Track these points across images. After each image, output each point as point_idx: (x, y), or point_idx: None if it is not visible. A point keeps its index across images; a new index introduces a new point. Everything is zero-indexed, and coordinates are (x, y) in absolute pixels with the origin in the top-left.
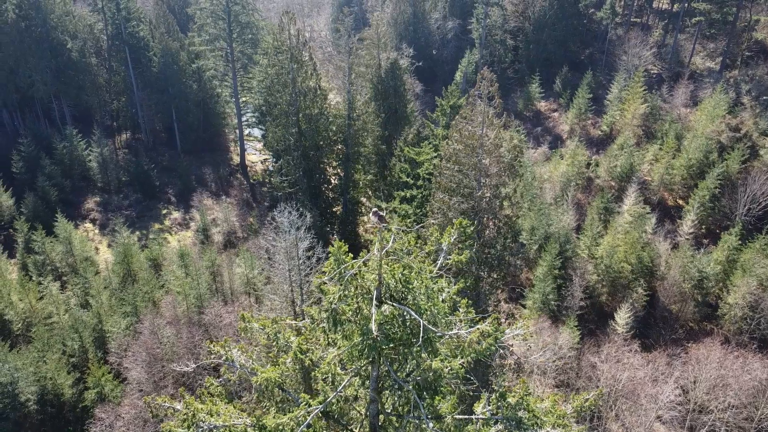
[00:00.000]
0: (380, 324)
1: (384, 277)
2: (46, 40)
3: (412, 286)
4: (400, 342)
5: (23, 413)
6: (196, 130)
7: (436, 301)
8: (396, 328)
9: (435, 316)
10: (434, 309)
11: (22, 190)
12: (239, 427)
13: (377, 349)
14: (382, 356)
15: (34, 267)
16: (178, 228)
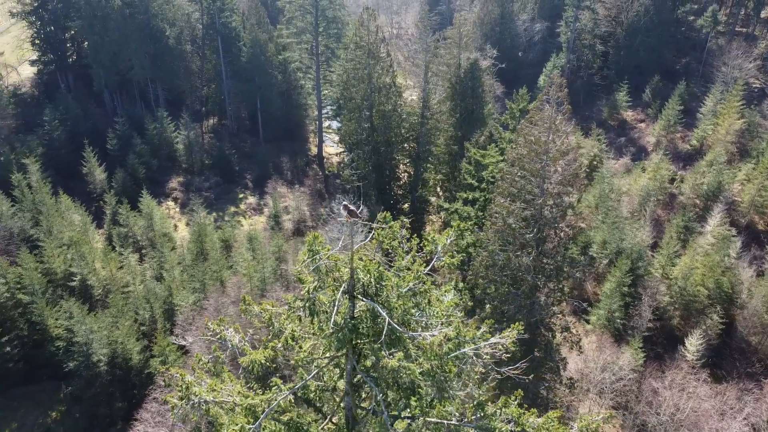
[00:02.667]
0: (349, 318)
1: (358, 271)
2: (147, 27)
3: (385, 284)
4: (369, 338)
5: (94, 372)
6: (278, 120)
7: (406, 301)
8: (366, 324)
9: (405, 316)
10: (405, 308)
11: (114, 165)
12: (228, 404)
13: (345, 341)
14: (354, 350)
15: (117, 238)
16: (252, 212)
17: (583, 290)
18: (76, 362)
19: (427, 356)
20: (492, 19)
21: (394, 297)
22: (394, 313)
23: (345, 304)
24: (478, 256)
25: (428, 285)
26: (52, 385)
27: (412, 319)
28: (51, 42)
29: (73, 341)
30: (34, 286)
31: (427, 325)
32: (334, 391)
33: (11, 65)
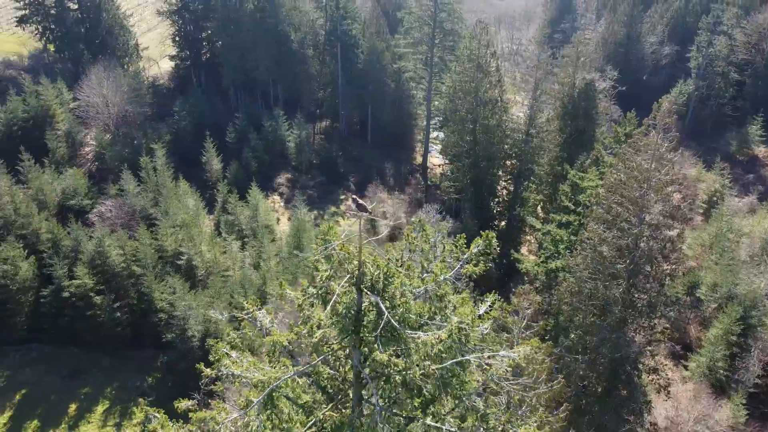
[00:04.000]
0: (353, 309)
1: (366, 265)
2: (274, 30)
3: (393, 281)
4: (370, 333)
5: (188, 347)
6: (387, 127)
7: (420, 305)
8: (369, 317)
9: (406, 314)
10: (407, 307)
11: (230, 157)
12: (252, 379)
13: (346, 331)
14: (361, 343)
15: (224, 225)
16: (351, 214)
17: (686, 333)
18: (173, 335)
19: (419, 356)
20: (617, 39)
21: (399, 295)
22: (397, 311)
23: (351, 295)
24: (565, 281)
25: (446, 288)
26: (152, 353)
27: (416, 320)
28: (189, 40)
29: (173, 315)
30: (147, 261)
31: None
32: (345, 382)
33: (154, 59)
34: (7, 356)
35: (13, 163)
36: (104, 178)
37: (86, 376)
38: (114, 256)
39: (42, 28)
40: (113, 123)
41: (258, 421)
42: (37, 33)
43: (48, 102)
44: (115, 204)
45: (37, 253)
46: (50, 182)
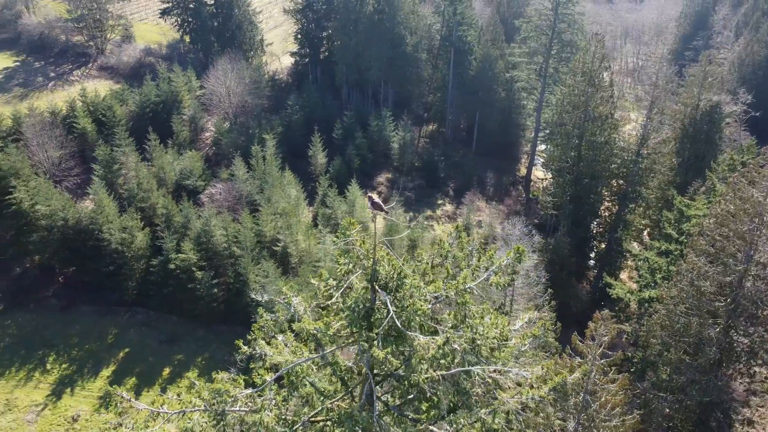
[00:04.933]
0: (362, 304)
1: (381, 262)
2: (390, 33)
3: (406, 282)
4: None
5: None
6: (493, 135)
7: (417, 301)
8: (377, 315)
9: (412, 316)
10: (415, 308)
11: (334, 153)
12: (272, 359)
13: (353, 323)
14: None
15: (321, 218)
16: (445, 219)
17: None
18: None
19: (417, 359)
20: (755, 60)
21: (408, 296)
22: (404, 312)
23: (363, 290)
24: (657, 313)
25: (466, 298)
26: (241, 330)
27: (423, 323)
28: (309, 38)
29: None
30: (246, 243)
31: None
32: (360, 375)
33: (276, 54)
34: (118, 316)
35: (142, 142)
36: (218, 162)
37: (181, 343)
38: (218, 235)
39: (181, 21)
40: (232, 112)
41: (270, 400)
42: (176, 25)
43: (178, 88)
44: (225, 187)
45: (152, 225)
46: (171, 162)
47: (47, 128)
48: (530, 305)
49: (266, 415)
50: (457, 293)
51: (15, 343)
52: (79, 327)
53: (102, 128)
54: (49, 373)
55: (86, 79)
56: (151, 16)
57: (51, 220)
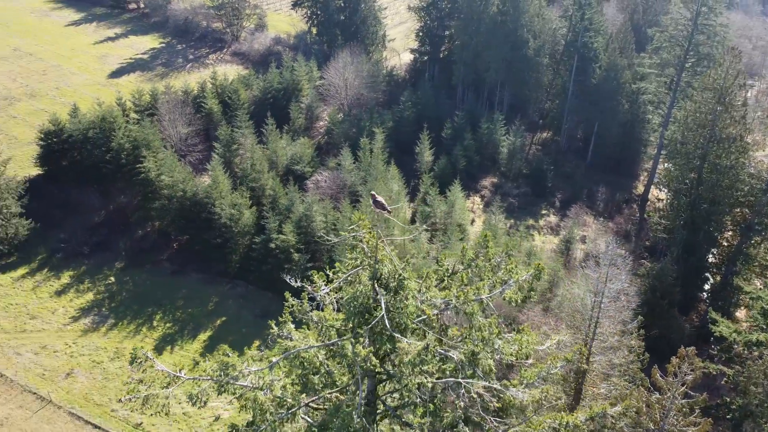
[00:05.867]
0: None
1: (383, 262)
2: (512, 35)
3: (405, 284)
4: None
5: None
6: (611, 148)
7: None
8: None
9: (404, 317)
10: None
11: (441, 152)
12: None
13: (351, 316)
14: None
15: (420, 215)
16: (547, 231)
17: None
18: None
19: (398, 360)
20: None
21: (403, 298)
22: (396, 314)
23: (360, 287)
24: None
25: (474, 308)
26: None
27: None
28: (431, 36)
29: None
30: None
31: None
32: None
33: (397, 51)
34: (220, 286)
35: (260, 125)
36: (328, 151)
37: (273, 319)
38: (318, 221)
39: (310, 13)
40: (347, 103)
41: (273, 378)
42: (306, 17)
43: (299, 77)
44: (330, 176)
45: (259, 205)
46: (284, 147)
47: (179, 106)
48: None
49: (261, 395)
50: (464, 303)
51: (130, 298)
52: (185, 291)
53: (227, 110)
54: (154, 330)
55: (219, 63)
56: (284, 7)
57: (172, 190)
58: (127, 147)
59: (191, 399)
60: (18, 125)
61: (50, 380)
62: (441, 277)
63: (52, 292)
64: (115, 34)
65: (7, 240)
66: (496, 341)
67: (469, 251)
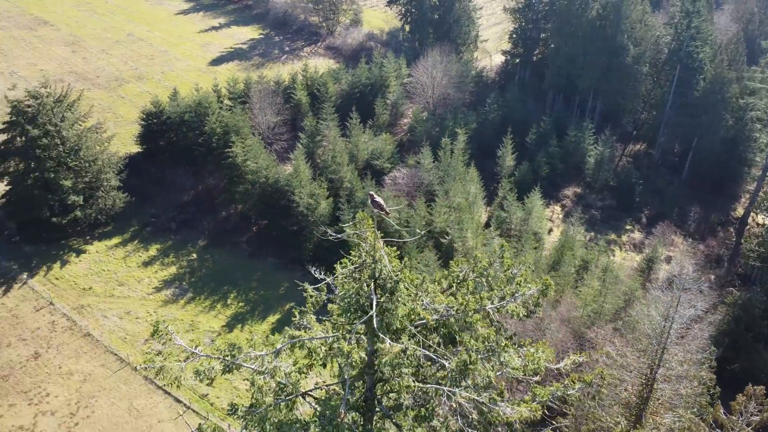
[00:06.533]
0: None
1: (382, 261)
2: (611, 40)
3: (398, 287)
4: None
5: None
6: (710, 167)
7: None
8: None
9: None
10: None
11: (523, 157)
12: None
13: (347, 311)
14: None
15: (495, 220)
16: (629, 247)
17: None
18: None
19: (379, 361)
20: None
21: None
22: (387, 316)
23: (358, 284)
24: None
25: (475, 319)
26: None
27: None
28: (524, 38)
29: None
30: (415, 230)
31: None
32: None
33: (488, 52)
34: (292, 272)
35: (345, 119)
36: (409, 148)
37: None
38: (391, 217)
39: (404, 11)
40: (432, 102)
41: (280, 364)
42: (400, 14)
43: (387, 74)
44: (408, 173)
45: (336, 196)
46: (365, 141)
47: (270, 95)
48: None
49: (260, 378)
50: (462, 311)
51: (208, 275)
52: (260, 274)
53: (314, 102)
54: (228, 308)
55: (313, 57)
56: (381, 3)
57: (256, 176)
58: (218, 132)
59: (197, 375)
60: (125, 105)
61: (130, 344)
62: (450, 283)
63: (140, 263)
64: (218, 23)
65: (105, 210)
66: (503, 354)
67: (483, 260)
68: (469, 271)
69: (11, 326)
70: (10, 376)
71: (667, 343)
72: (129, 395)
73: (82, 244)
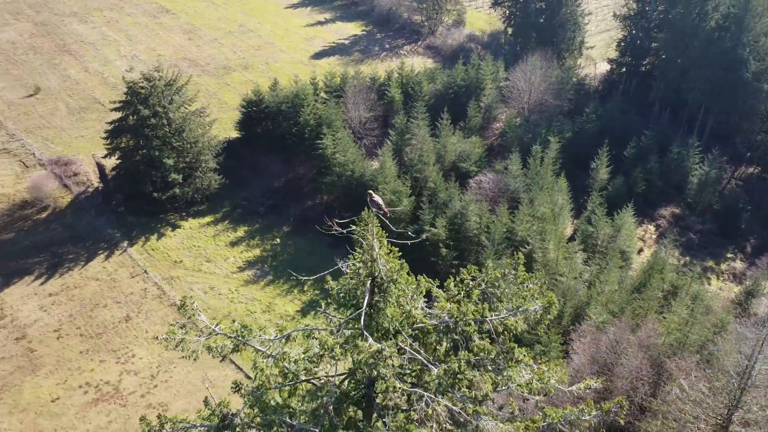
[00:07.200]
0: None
1: (380, 260)
2: (730, 54)
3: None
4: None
5: None
6: None
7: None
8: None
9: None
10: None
11: (619, 171)
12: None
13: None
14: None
15: (580, 234)
16: (728, 277)
17: None
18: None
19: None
20: None
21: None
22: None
23: (355, 281)
24: None
25: (469, 330)
26: None
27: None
28: (633, 47)
29: None
30: (495, 236)
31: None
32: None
33: (593, 59)
34: None
35: (435, 118)
36: (498, 153)
37: None
38: (472, 221)
39: (508, 13)
40: (527, 108)
41: (290, 351)
42: (503, 17)
43: (483, 76)
44: (494, 178)
45: (418, 195)
46: (454, 143)
47: (364, 91)
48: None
49: (262, 362)
50: (461, 319)
51: (289, 260)
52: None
53: (407, 100)
54: (304, 294)
55: (412, 55)
56: (486, 4)
57: (342, 168)
58: (311, 123)
59: (209, 350)
60: (229, 92)
61: (211, 318)
62: (459, 290)
63: (227, 242)
64: (324, 18)
65: (201, 190)
66: (507, 369)
67: (495, 271)
68: (480, 281)
69: (109, 288)
70: (103, 334)
71: (747, 385)
72: (204, 366)
73: (178, 220)
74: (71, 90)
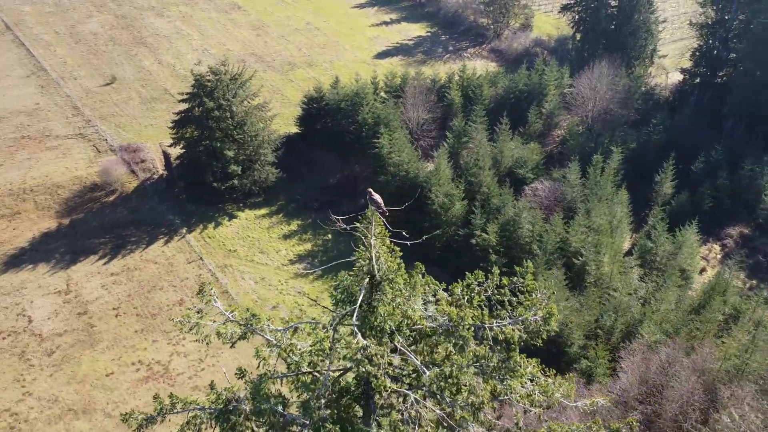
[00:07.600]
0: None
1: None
2: None
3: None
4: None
5: None
6: None
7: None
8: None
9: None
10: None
11: (684, 186)
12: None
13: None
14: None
15: (638, 249)
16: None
17: None
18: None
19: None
20: None
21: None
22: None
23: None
24: None
25: (467, 335)
26: None
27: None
28: (709, 57)
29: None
30: (547, 246)
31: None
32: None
33: (665, 68)
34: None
35: (494, 123)
36: (557, 161)
37: None
38: (524, 229)
39: (578, 18)
40: (591, 116)
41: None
42: (572, 22)
43: (547, 82)
44: (550, 186)
45: (471, 200)
46: (511, 149)
47: (424, 93)
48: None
49: (265, 351)
50: (459, 323)
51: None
52: None
53: (467, 103)
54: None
55: (475, 58)
56: (555, 9)
57: (397, 168)
58: (369, 122)
59: (219, 336)
60: (292, 88)
61: (260, 307)
62: (464, 294)
63: (280, 235)
64: (390, 18)
65: (259, 183)
66: (507, 379)
67: (503, 279)
68: (486, 287)
69: (166, 272)
70: (158, 315)
71: None
72: (250, 353)
73: (235, 210)
74: (144, 80)
